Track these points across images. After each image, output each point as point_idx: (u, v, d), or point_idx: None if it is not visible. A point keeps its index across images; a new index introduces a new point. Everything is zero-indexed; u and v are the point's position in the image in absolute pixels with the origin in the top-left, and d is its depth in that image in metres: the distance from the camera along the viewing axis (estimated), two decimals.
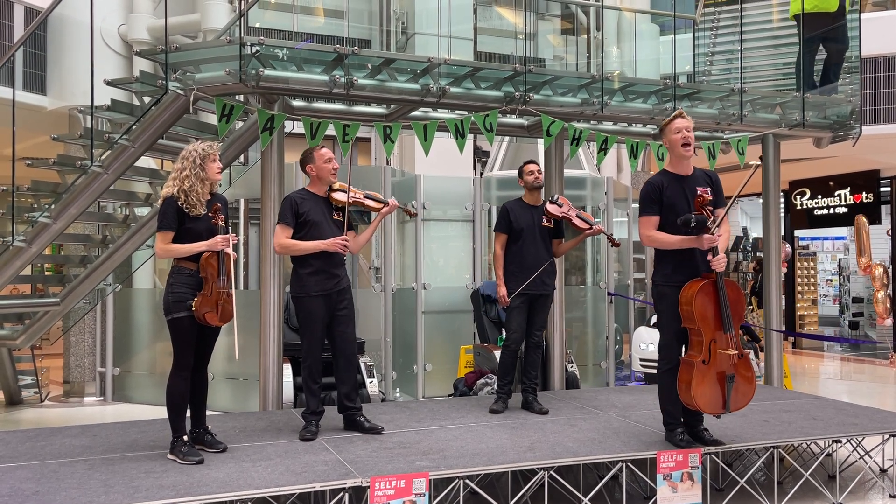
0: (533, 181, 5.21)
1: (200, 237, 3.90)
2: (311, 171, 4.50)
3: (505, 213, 5.22)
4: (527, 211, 5.20)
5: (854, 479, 4.69)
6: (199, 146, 3.96)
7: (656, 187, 4.15)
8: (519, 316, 5.12)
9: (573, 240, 5.31)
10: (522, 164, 5.31)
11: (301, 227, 4.38)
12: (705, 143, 6.18)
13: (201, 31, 7.76)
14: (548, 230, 5.20)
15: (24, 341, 7.03)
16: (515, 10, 8.01)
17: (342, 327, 4.48)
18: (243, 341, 7.19)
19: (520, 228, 5.14)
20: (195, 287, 3.88)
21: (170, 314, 3.88)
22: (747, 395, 4.13)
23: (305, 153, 4.54)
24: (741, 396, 4.10)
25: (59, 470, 3.71)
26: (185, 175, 3.88)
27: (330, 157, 4.49)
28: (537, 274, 5.04)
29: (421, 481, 3.53)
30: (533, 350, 5.23)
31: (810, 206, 13.52)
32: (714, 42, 8.03)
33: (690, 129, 4.15)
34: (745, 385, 4.10)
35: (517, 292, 5.04)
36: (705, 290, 4.00)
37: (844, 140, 6.87)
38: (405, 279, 7.92)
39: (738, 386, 4.06)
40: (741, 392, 4.10)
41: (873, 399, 7.82)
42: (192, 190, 3.87)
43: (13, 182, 5.98)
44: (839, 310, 14.80)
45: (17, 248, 5.70)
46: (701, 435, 4.28)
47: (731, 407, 4.04)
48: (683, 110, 4.36)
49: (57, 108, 8.18)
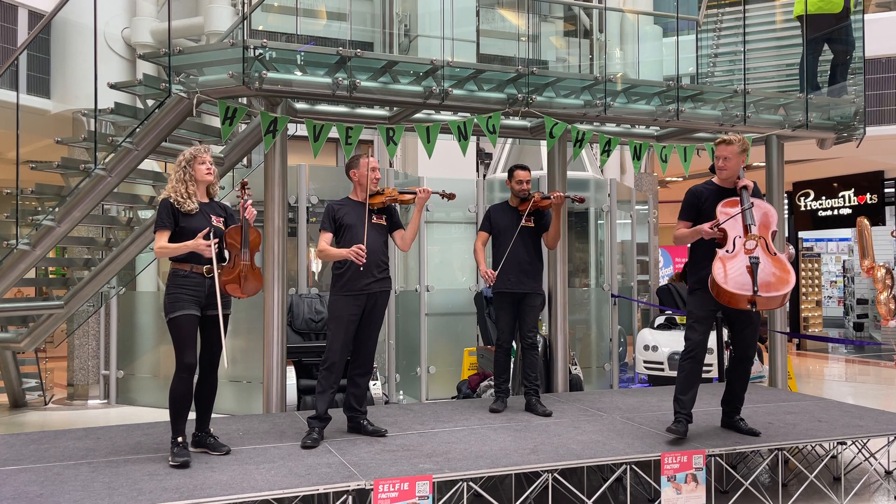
0: (519, 190, 5.25)
1: (194, 235, 3.91)
2: (353, 176, 4.56)
3: (487, 214, 5.41)
4: (507, 213, 5.29)
5: (859, 481, 4.67)
6: (188, 150, 4.08)
7: (696, 195, 4.47)
8: (505, 315, 5.20)
9: (553, 221, 5.25)
10: (513, 168, 5.31)
11: (337, 231, 4.48)
12: (708, 145, 6.16)
13: (204, 34, 7.78)
14: (529, 230, 5.22)
15: (28, 344, 7.05)
16: (518, 13, 8.01)
17: (368, 331, 4.50)
18: (247, 343, 7.26)
19: (498, 230, 5.25)
20: (190, 287, 3.92)
21: (167, 315, 3.94)
22: (779, 284, 4.05)
23: (352, 158, 4.60)
24: (771, 278, 4.05)
25: (62, 473, 3.71)
26: (176, 177, 4.02)
27: (374, 167, 4.54)
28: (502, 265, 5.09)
29: (424, 484, 3.53)
30: (529, 351, 5.23)
31: (814, 207, 13.51)
32: (717, 43, 8.02)
33: (726, 154, 4.38)
34: (776, 270, 4.07)
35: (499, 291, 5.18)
36: (732, 201, 4.31)
37: (848, 141, 6.85)
38: (408, 281, 7.92)
39: (764, 268, 4.05)
40: (769, 273, 4.05)
41: (878, 401, 7.80)
42: (177, 190, 3.98)
43: (17, 185, 6.00)
44: (844, 311, 14.77)
45: (22, 252, 5.72)
46: (738, 425, 4.40)
47: (759, 288, 3.99)
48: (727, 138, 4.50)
49: (61, 112, 8.20)
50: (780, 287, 4.05)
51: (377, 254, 4.47)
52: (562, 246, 6.20)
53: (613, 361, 8.23)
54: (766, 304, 4.06)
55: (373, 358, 4.61)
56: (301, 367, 6.06)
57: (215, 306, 3.98)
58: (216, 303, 3.97)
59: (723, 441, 4.30)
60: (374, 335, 4.56)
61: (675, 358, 7.82)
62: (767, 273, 4.07)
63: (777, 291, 4.03)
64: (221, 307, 4.00)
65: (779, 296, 4.04)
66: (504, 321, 5.23)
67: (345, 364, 4.48)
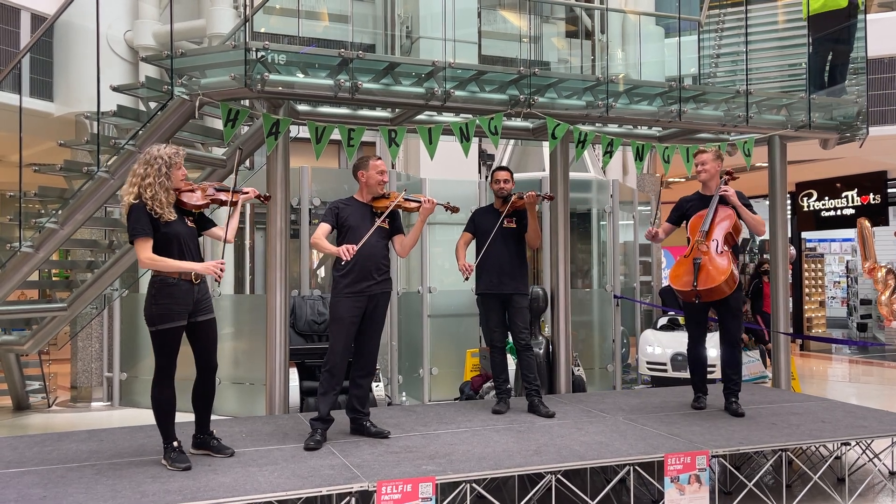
0: (498, 190, 5.28)
1: (179, 239, 3.82)
2: (361, 177, 4.56)
3: (472, 216, 5.47)
4: (489, 214, 5.32)
5: (863, 482, 4.66)
6: (164, 152, 3.81)
7: (682, 202, 5.30)
8: (494, 316, 5.24)
9: (529, 220, 5.24)
10: (494, 170, 5.42)
11: (340, 230, 4.48)
12: (711, 146, 6.16)
13: (207, 36, 7.79)
14: (511, 231, 5.23)
15: (31, 346, 7.07)
16: (520, 14, 8.00)
17: (370, 332, 4.50)
18: (249, 345, 7.26)
19: (480, 231, 5.29)
20: (179, 297, 3.80)
21: (155, 325, 3.79)
22: (711, 279, 4.85)
23: (361, 158, 4.60)
24: (706, 277, 4.88)
25: (66, 475, 3.72)
26: (149, 183, 3.74)
27: (382, 170, 4.55)
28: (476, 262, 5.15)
29: (427, 485, 3.53)
30: (523, 353, 5.23)
31: (817, 207, 13.47)
32: (719, 44, 8.01)
33: (703, 160, 5.14)
34: (710, 269, 4.89)
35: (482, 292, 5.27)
36: (701, 214, 5.12)
37: (851, 141, 6.84)
38: (411, 283, 7.92)
39: (703, 267, 4.90)
40: (706, 273, 4.89)
41: (882, 401, 7.78)
42: (156, 198, 3.75)
43: (20, 188, 6.01)
44: (847, 312, 14.74)
45: (25, 254, 5.73)
46: (731, 407, 5.08)
47: (698, 285, 4.86)
48: (703, 147, 5.26)
49: (63, 114, 8.21)
50: (711, 283, 4.85)
51: (378, 256, 4.47)
52: (564, 247, 6.20)
53: (616, 362, 8.22)
54: (709, 295, 4.88)
55: (375, 359, 4.61)
56: (304, 369, 6.06)
57: (204, 312, 3.94)
58: (203, 308, 3.93)
59: (726, 442, 4.29)
60: (376, 337, 4.56)
61: (678, 359, 7.81)
62: (704, 274, 4.90)
63: (713, 283, 4.84)
64: (207, 312, 3.95)
65: (715, 287, 4.83)
66: (493, 322, 5.25)
67: (347, 366, 4.48)
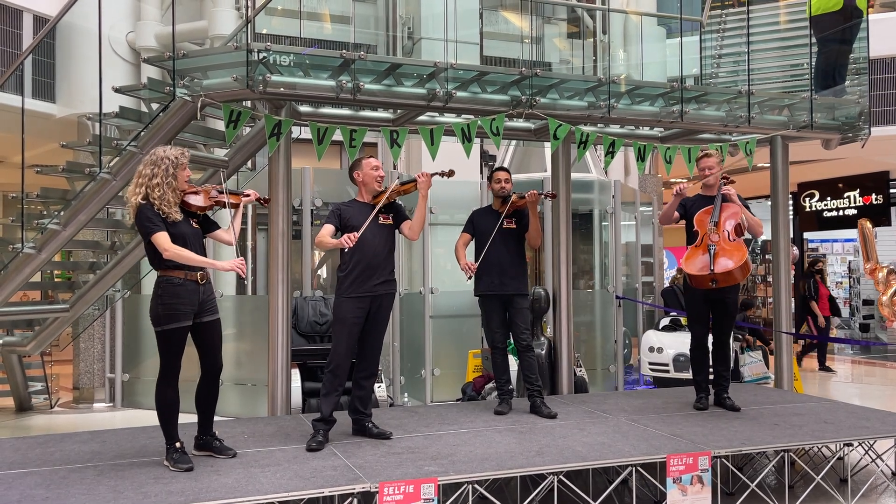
0: (499, 189, 5.29)
1: (185, 239, 3.85)
2: (357, 178, 4.59)
3: (471, 217, 5.48)
4: (489, 215, 5.34)
5: (866, 483, 4.65)
6: (171, 153, 3.86)
7: (685, 200, 5.37)
8: (495, 317, 5.24)
9: (531, 220, 5.25)
10: (493, 170, 5.43)
11: (344, 231, 4.48)
12: (713, 146, 6.16)
13: (208, 37, 7.80)
14: (511, 232, 5.24)
15: (33, 347, 7.08)
16: (521, 15, 8.01)
17: (373, 333, 4.50)
18: (251, 346, 7.26)
19: (479, 232, 5.31)
20: (185, 297, 3.83)
21: (160, 325, 3.81)
22: (728, 263, 4.91)
23: (355, 161, 4.64)
24: (722, 261, 4.94)
25: (68, 476, 3.72)
26: (157, 183, 3.78)
27: (376, 166, 4.57)
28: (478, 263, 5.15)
29: (430, 486, 3.53)
30: (524, 354, 5.22)
31: (819, 208, 13.45)
32: (721, 44, 8.01)
33: (710, 164, 5.31)
34: (725, 255, 4.96)
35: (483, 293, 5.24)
36: (707, 209, 5.23)
37: (853, 141, 6.83)
38: (413, 284, 7.92)
39: (718, 253, 4.97)
40: (722, 258, 4.96)
41: (885, 402, 7.77)
42: (164, 198, 3.80)
43: (23, 189, 6.02)
44: (849, 312, 14.72)
45: (27, 255, 5.74)
46: (724, 401, 5.28)
47: (715, 268, 4.91)
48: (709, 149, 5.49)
49: (66, 116, 8.23)
50: (729, 266, 4.92)
51: (382, 256, 4.47)
52: (566, 248, 6.20)
53: (618, 363, 8.21)
54: (725, 279, 4.93)
55: (378, 360, 4.60)
56: (306, 370, 6.06)
57: (209, 312, 3.96)
58: (209, 309, 3.95)
59: (728, 442, 4.29)
60: (379, 338, 4.56)
61: (680, 360, 7.81)
62: (721, 257, 4.99)
63: (731, 267, 4.91)
64: (213, 312, 3.98)
65: (732, 270, 4.89)
66: (495, 323, 5.25)
67: (350, 367, 4.48)
